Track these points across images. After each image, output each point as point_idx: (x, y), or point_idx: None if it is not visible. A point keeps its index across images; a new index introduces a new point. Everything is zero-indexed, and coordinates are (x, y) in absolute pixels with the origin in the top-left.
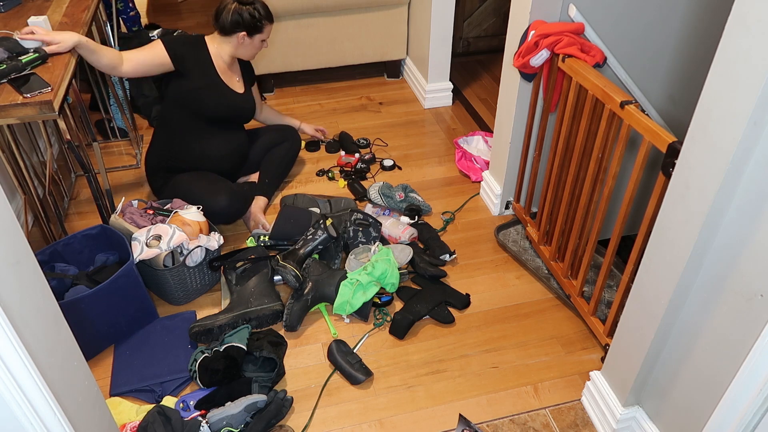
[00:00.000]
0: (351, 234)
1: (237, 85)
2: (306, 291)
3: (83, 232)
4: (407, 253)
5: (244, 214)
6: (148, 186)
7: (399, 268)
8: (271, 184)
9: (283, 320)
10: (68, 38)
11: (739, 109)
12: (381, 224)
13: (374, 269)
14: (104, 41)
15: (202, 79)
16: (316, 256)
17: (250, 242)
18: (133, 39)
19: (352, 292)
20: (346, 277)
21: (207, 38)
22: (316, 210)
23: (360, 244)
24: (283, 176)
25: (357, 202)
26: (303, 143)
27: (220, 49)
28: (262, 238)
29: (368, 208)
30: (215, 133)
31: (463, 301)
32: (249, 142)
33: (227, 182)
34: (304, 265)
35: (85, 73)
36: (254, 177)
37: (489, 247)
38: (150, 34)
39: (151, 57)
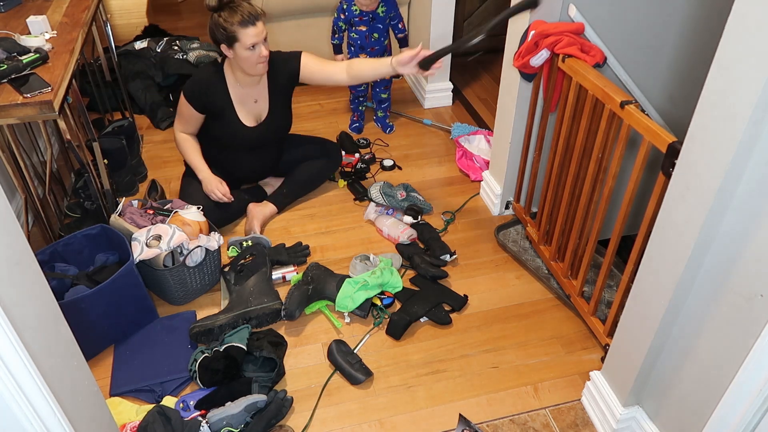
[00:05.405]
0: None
1: (251, 112)
2: (308, 283)
3: (83, 232)
4: (398, 260)
5: (222, 225)
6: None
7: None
8: (288, 197)
9: (283, 306)
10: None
11: (739, 109)
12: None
13: (382, 275)
14: (104, 42)
15: (222, 120)
16: None
17: (231, 251)
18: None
19: (356, 290)
20: (351, 277)
21: (225, 63)
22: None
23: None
24: (304, 192)
25: (357, 201)
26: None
27: (233, 71)
28: (245, 244)
29: (371, 208)
30: (241, 154)
31: (461, 303)
32: (287, 147)
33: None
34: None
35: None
36: (274, 182)
37: (489, 247)
38: (137, 47)
39: (188, 116)
